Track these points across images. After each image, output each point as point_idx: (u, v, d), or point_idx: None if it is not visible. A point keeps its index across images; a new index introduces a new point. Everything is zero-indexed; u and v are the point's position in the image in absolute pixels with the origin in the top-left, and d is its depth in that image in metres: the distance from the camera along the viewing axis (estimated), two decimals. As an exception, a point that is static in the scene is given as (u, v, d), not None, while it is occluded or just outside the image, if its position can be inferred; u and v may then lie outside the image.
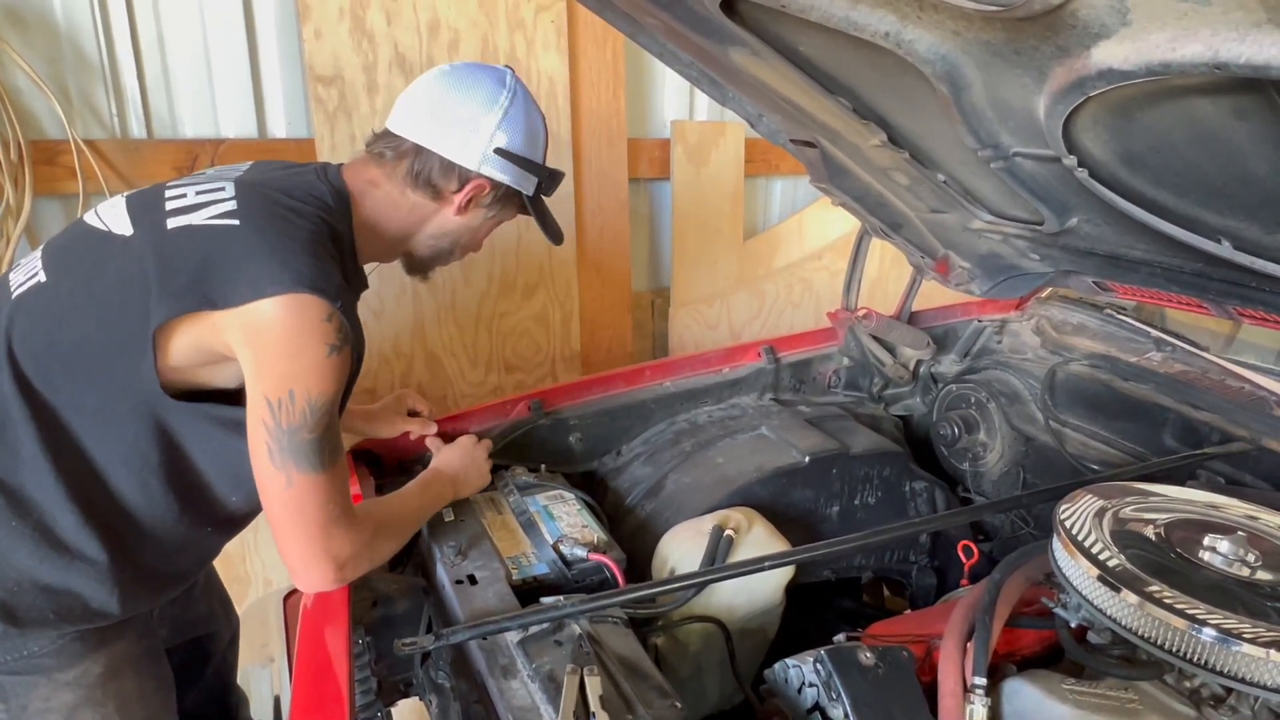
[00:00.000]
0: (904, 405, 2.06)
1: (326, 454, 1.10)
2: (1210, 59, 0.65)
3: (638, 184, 2.80)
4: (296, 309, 1.05)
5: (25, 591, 1.08)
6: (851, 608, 1.87)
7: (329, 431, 1.10)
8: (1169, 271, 1.28)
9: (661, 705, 0.98)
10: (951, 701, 0.94)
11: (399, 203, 1.29)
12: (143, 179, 2.03)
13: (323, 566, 1.11)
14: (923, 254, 1.69)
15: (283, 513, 1.09)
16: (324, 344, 1.07)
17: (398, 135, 1.27)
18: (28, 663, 1.11)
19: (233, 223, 1.11)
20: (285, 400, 1.06)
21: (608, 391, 1.80)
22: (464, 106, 1.25)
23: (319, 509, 1.09)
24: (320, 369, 1.08)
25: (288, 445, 1.07)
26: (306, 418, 1.07)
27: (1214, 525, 1.04)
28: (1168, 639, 0.88)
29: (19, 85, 1.89)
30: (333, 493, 1.11)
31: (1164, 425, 1.60)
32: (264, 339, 1.06)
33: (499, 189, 1.30)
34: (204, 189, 1.17)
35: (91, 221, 1.19)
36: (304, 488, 1.08)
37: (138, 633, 1.22)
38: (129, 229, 1.14)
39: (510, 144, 1.27)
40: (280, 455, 1.07)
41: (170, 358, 1.10)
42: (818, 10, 0.84)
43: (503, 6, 2.27)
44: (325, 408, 1.09)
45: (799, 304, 3.07)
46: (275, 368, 1.06)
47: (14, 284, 1.17)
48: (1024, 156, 1.07)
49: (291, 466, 1.07)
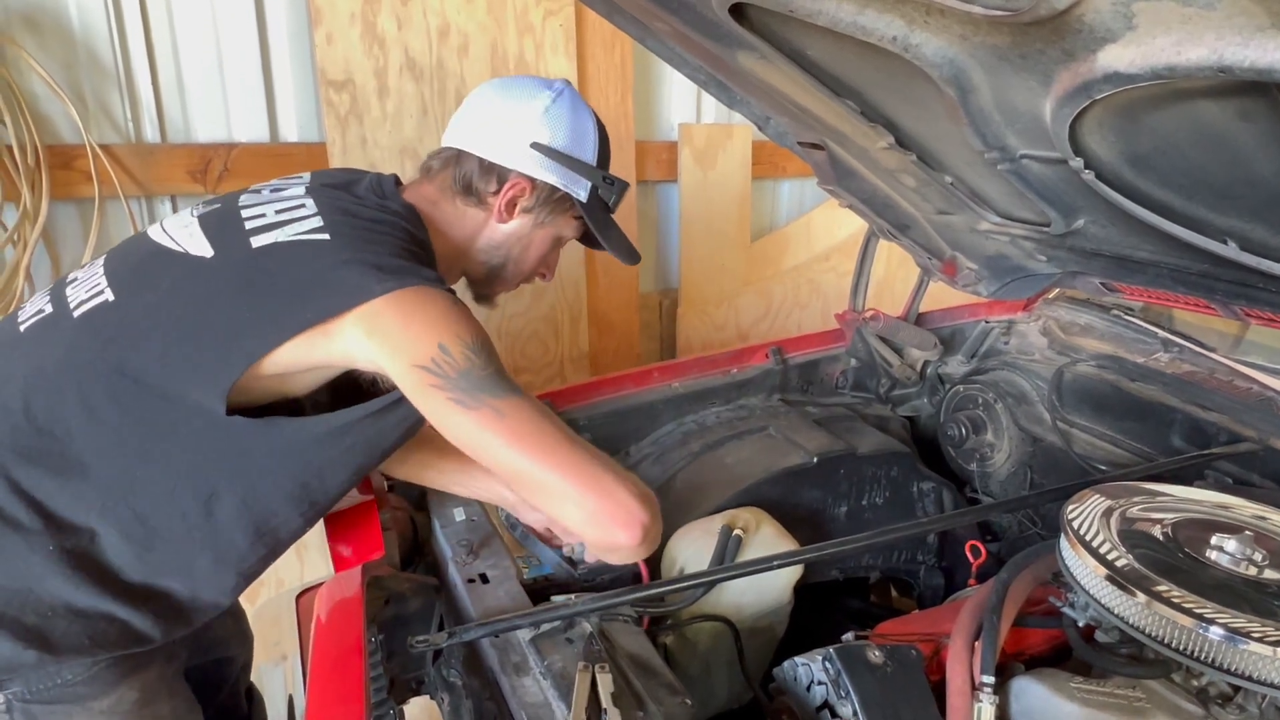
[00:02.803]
0: (911, 406, 2.07)
1: (516, 385, 1.01)
2: (1215, 63, 0.66)
3: (645, 186, 2.81)
4: (409, 293, 1.02)
5: (59, 617, 1.02)
6: (859, 607, 1.87)
7: (504, 370, 1.02)
8: (1176, 272, 1.28)
9: (672, 702, 0.99)
10: (960, 700, 0.95)
11: (452, 217, 1.25)
12: (157, 183, 2.06)
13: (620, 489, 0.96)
14: (930, 255, 1.69)
15: (522, 451, 0.97)
16: (443, 299, 1.03)
17: (445, 146, 1.26)
18: (61, 691, 1.06)
19: (323, 237, 1.07)
20: (439, 356, 0.99)
21: (617, 392, 1.81)
22: (503, 104, 1.22)
23: (557, 428, 0.98)
24: (453, 316, 1.02)
25: (471, 385, 0.98)
26: (473, 359, 0.99)
27: (1221, 525, 1.04)
28: (1175, 637, 0.88)
29: (36, 91, 1.92)
30: (548, 415, 1.00)
31: (1171, 425, 1.60)
32: (386, 323, 1.01)
33: (541, 190, 1.24)
34: (282, 206, 1.13)
35: (160, 240, 1.14)
36: (518, 412, 0.98)
37: (165, 656, 1.17)
38: (208, 250, 1.09)
39: (550, 139, 1.21)
40: (471, 396, 0.97)
41: (259, 378, 1.05)
42: (825, 15, 0.85)
43: (512, 11, 2.29)
44: (486, 346, 1.02)
45: (806, 305, 3.08)
46: (411, 335, 1.00)
47: (74, 300, 1.11)
48: (1031, 159, 1.07)
49: (489, 399, 0.98)
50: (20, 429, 1.03)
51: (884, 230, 1.68)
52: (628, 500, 0.98)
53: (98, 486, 1.03)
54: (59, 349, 1.06)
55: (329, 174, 1.28)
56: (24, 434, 1.03)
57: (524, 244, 1.29)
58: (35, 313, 1.13)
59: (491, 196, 1.24)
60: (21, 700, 1.05)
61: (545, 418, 1.00)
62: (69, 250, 2.04)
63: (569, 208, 1.27)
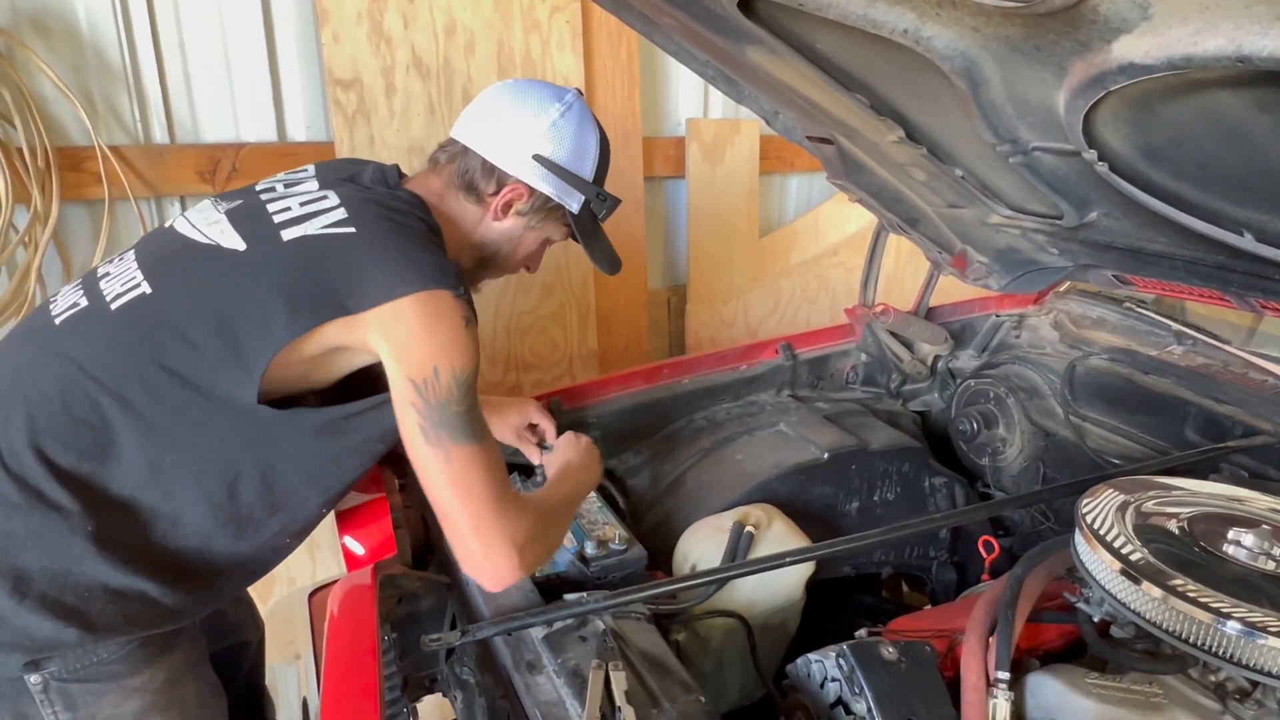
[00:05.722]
0: (922, 401, 2.06)
1: (479, 427, 1.10)
2: (1233, 52, 0.65)
3: (653, 182, 2.80)
4: (429, 298, 1.08)
5: (97, 598, 1.07)
6: (872, 603, 1.87)
7: (476, 406, 1.11)
8: (1190, 264, 1.27)
9: (686, 700, 0.99)
10: (974, 696, 0.94)
11: (454, 210, 1.30)
12: (166, 184, 2.06)
13: (503, 549, 1.08)
14: (940, 249, 1.68)
15: (449, 493, 1.08)
16: (459, 318, 1.10)
17: (452, 140, 1.30)
18: (98, 669, 1.11)
19: (349, 230, 1.13)
20: (431, 379, 1.07)
21: (626, 389, 1.81)
22: (513, 111, 1.27)
23: (485, 484, 1.08)
24: (460, 342, 1.09)
25: (440, 420, 1.07)
26: (454, 392, 1.07)
27: (1238, 519, 1.03)
28: (1192, 633, 0.88)
29: (45, 93, 1.93)
30: (493, 467, 1.10)
31: (1186, 419, 1.59)
32: (401, 327, 1.08)
33: (537, 198, 1.29)
34: (307, 199, 1.19)
35: (189, 234, 1.19)
36: (464, 460, 1.08)
37: (190, 639, 1.23)
38: (240, 244, 1.14)
39: (552, 153, 1.27)
40: (434, 431, 1.07)
41: (287, 366, 1.11)
42: (836, 8, 0.85)
43: (518, 8, 2.28)
44: (469, 381, 1.10)
45: (815, 300, 3.07)
46: (416, 350, 1.08)
47: (109, 294, 1.15)
48: (1043, 151, 1.07)
49: (446, 440, 1.07)
50: (57, 417, 1.07)
51: (893, 224, 1.67)
52: (502, 562, 1.09)
53: (130, 472, 1.09)
54: (98, 342, 1.11)
55: (332, 166, 1.32)
56: (61, 422, 1.07)
57: (514, 243, 1.35)
58: (70, 305, 1.17)
59: (490, 196, 1.29)
60: (58, 679, 1.10)
61: (482, 470, 1.09)
62: (79, 252, 2.05)
63: (561, 215, 1.33)
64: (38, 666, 1.08)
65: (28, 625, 1.04)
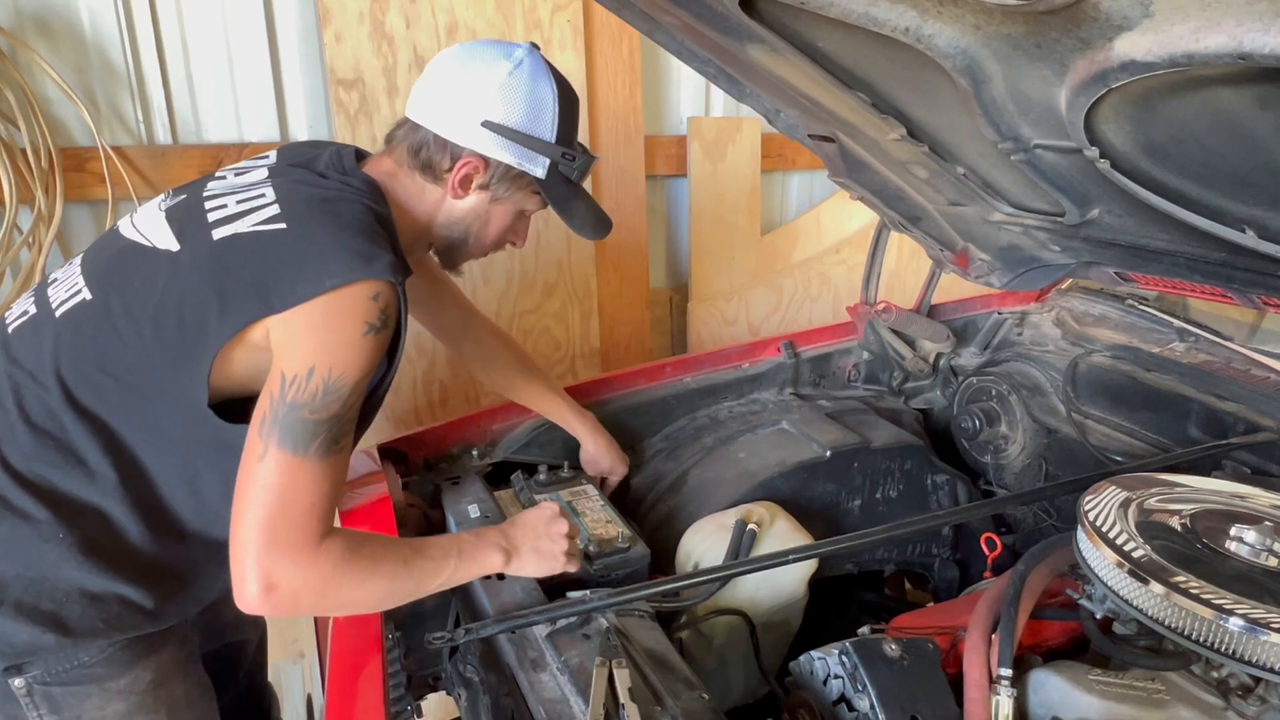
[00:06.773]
0: (924, 398, 2.06)
1: (319, 443, 0.99)
2: (1235, 49, 0.65)
3: (655, 181, 2.80)
4: (344, 296, 1.01)
5: (74, 602, 1.07)
6: (874, 601, 1.87)
7: (334, 421, 1.00)
8: (1192, 261, 1.27)
9: (689, 697, 1.00)
10: (977, 692, 0.95)
11: (411, 191, 1.23)
12: (170, 184, 2.06)
13: (250, 577, 0.96)
14: (942, 247, 1.68)
15: (243, 488, 0.98)
16: (363, 322, 1.01)
17: (405, 117, 1.24)
18: (79, 673, 1.11)
19: (279, 227, 1.07)
20: (300, 377, 0.98)
21: (629, 388, 1.81)
22: (459, 76, 1.18)
23: (278, 501, 0.96)
24: (351, 348, 1.01)
25: (281, 418, 0.98)
26: (315, 398, 0.98)
27: (1240, 515, 1.03)
28: (1195, 629, 0.88)
29: (48, 94, 1.93)
30: (305, 490, 0.98)
31: (1188, 416, 1.59)
32: (301, 320, 1.01)
33: (496, 168, 1.20)
34: (243, 196, 1.13)
35: (129, 235, 1.16)
36: (276, 467, 0.97)
37: (179, 640, 1.22)
38: (174, 244, 1.10)
39: (504, 117, 1.17)
40: (269, 426, 0.98)
41: (231, 365, 1.07)
42: (837, 6, 0.85)
43: (519, 7, 2.28)
44: (341, 393, 1.00)
45: (817, 298, 3.07)
46: (304, 343, 1.01)
47: (55, 300, 1.14)
48: (1045, 148, 1.07)
49: (273, 440, 0.97)
50: (17, 427, 1.08)
51: (895, 222, 1.67)
52: (249, 586, 0.96)
53: (96, 477, 1.09)
54: (44, 350, 1.10)
55: (293, 150, 1.27)
56: (21, 432, 1.08)
57: (482, 220, 1.27)
58: (20, 314, 1.17)
59: (445, 173, 1.21)
60: (41, 683, 1.10)
61: (290, 484, 0.97)
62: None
63: (528, 183, 1.24)
64: (20, 671, 1.09)
65: (5, 631, 1.05)
